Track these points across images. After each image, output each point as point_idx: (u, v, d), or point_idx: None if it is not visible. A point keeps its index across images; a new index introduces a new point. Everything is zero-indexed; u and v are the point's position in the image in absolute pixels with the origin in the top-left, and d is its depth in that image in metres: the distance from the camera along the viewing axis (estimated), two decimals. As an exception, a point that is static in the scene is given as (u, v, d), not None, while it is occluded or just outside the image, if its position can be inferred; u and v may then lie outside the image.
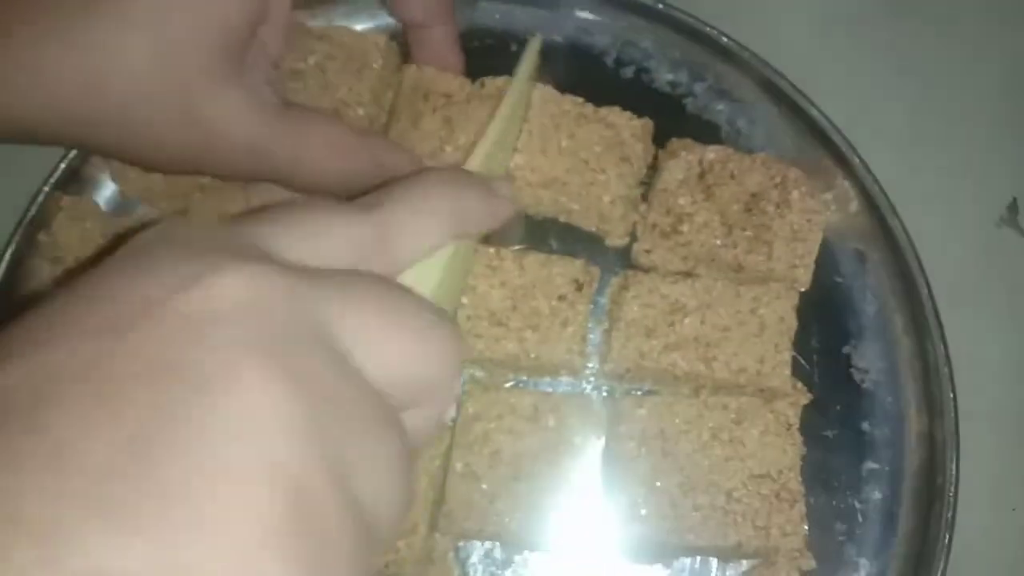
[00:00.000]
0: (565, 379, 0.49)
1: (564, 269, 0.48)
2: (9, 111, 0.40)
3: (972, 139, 0.55)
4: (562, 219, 0.50)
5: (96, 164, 0.52)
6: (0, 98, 0.39)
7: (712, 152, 0.50)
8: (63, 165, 0.51)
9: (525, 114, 0.49)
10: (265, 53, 0.44)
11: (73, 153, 0.51)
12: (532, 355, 0.47)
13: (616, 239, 0.50)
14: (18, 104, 0.39)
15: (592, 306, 0.48)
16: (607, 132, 0.49)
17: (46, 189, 0.50)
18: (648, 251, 0.49)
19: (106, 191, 0.52)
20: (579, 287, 0.48)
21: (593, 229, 0.50)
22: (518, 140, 0.49)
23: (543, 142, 0.49)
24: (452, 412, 0.33)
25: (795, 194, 0.50)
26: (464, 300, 0.47)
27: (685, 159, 0.50)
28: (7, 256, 0.50)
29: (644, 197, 0.50)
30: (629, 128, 0.50)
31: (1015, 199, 0.54)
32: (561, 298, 0.47)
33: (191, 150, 0.41)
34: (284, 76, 0.48)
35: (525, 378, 0.49)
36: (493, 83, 0.50)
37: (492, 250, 0.48)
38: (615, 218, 0.49)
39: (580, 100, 0.50)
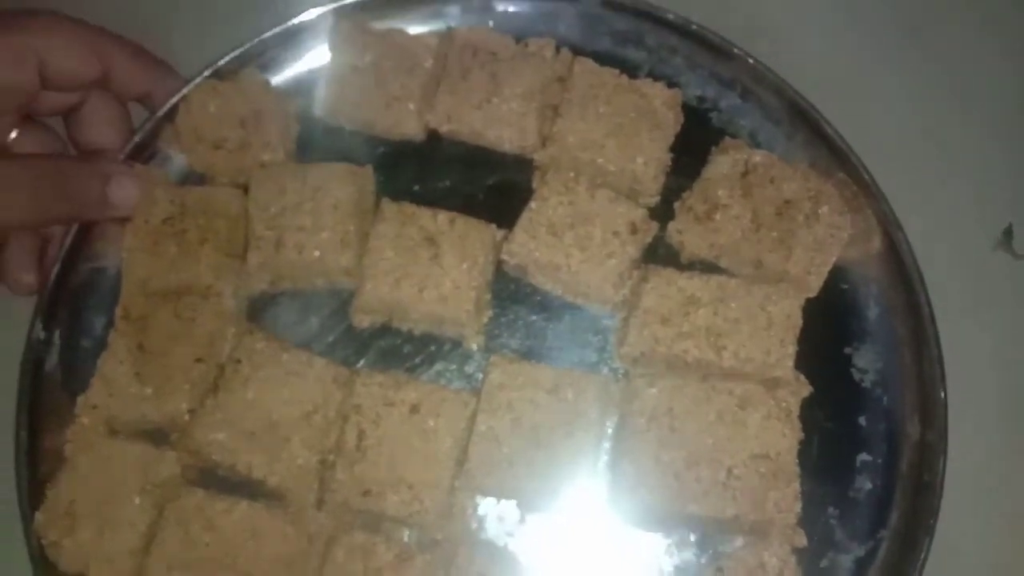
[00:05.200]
0: (595, 306, 0.54)
1: (627, 211, 0.53)
2: None
3: (970, 168, 0.59)
4: (598, 182, 0.54)
5: (165, 139, 0.57)
6: None
7: (759, 156, 0.55)
8: (136, 139, 0.56)
9: None
10: None
11: (146, 127, 0.56)
12: (573, 270, 0.52)
13: (648, 198, 0.55)
14: None
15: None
16: (640, 101, 0.55)
17: (120, 157, 0.55)
18: (680, 231, 0.54)
19: (172, 164, 0.57)
20: (634, 230, 0.53)
21: (626, 192, 0.55)
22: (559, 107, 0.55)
23: (582, 109, 0.55)
24: None
25: (825, 209, 0.54)
26: (533, 204, 0.53)
27: (733, 156, 0.55)
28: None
29: (675, 165, 0.55)
30: (661, 97, 0.55)
31: (1011, 225, 0.58)
32: (615, 233, 0.52)
33: None
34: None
35: (560, 292, 0.54)
36: (536, 43, 0.57)
37: (572, 173, 0.53)
38: (648, 179, 0.54)
39: (616, 71, 0.55)
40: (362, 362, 0.54)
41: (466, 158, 0.57)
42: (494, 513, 0.51)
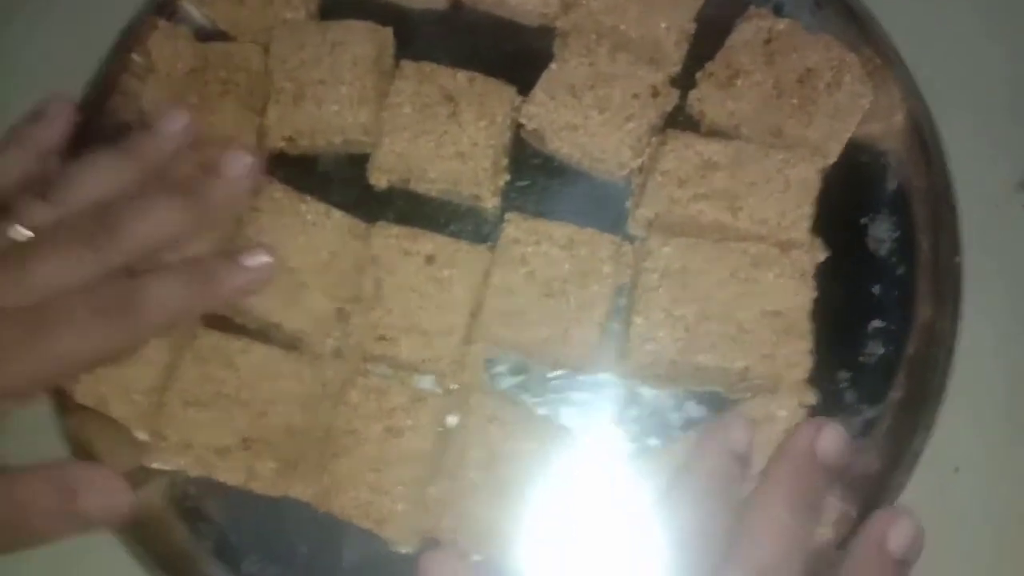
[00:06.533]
0: (612, 175, 0.53)
1: (648, 74, 0.53)
2: None
3: (988, 113, 0.57)
4: (619, 49, 0.54)
5: (191, -2, 0.57)
6: None
7: (783, 24, 0.55)
8: None
9: None
10: None
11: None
12: (591, 131, 0.52)
13: (670, 67, 0.55)
14: None
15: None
16: None
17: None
18: (701, 99, 0.54)
19: (194, 23, 0.57)
20: (655, 93, 0.53)
21: (647, 61, 0.54)
22: None
23: None
24: None
25: (847, 77, 0.54)
26: (553, 66, 0.53)
27: (757, 24, 0.54)
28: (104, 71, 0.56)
29: (698, 41, 0.55)
30: None
31: None
32: (636, 96, 0.52)
33: None
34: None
35: (578, 159, 0.53)
36: None
37: (594, 36, 0.53)
38: (670, 45, 0.54)
39: None
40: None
41: (487, 29, 0.57)
42: (504, 366, 0.51)
